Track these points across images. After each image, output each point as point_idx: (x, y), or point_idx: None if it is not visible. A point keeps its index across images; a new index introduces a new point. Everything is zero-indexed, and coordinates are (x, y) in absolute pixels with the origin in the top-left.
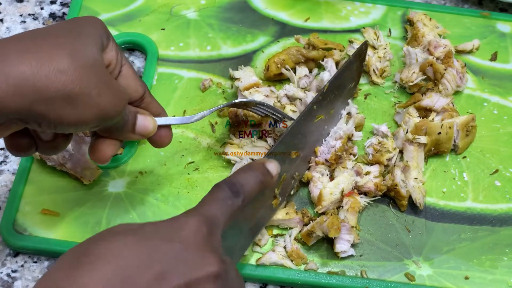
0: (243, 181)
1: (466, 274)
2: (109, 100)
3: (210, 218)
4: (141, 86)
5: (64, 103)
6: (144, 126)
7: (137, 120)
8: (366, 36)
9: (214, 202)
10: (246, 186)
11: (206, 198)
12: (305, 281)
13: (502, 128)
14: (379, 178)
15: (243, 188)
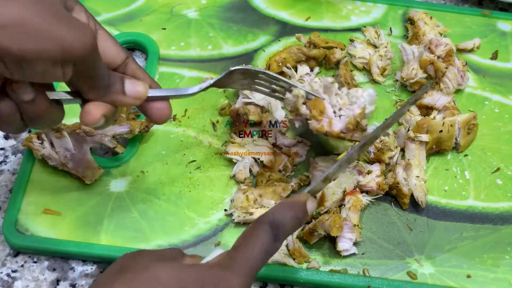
0: (284, 222)
1: (468, 273)
2: (70, 33)
3: (254, 272)
4: (123, 51)
5: (19, 31)
6: (134, 89)
7: (125, 83)
8: (367, 35)
9: (256, 248)
10: (286, 228)
11: (249, 239)
12: (307, 279)
13: (503, 126)
14: (381, 177)
15: (283, 230)
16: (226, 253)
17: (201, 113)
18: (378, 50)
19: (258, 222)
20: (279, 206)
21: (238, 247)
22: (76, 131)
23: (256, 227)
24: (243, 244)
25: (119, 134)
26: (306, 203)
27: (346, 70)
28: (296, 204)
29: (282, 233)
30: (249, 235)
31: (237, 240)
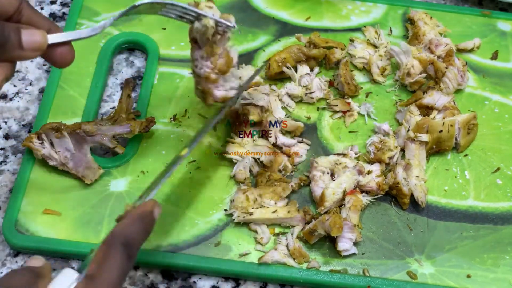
0: (136, 239)
1: (468, 273)
2: None
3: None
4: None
5: None
6: (32, 40)
7: (21, 35)
8: (367, 35)
9: (115, 272)
10: (138, 244)
11: (105, 265)
12: (307, 279)
13: (503, 126)
14: (381, 177)
15: (136, 247)
16: (84, 284)
17: (201, 113)
18: (378, 50)
19: (109, 243)
20: (128, 222)
21: (96, 276)
22: (76, 131)
23: (110, 251)
24: (101, 272)
25: (119, 134)
26: (154, 212)
27: (346, 70)
28: (144, 216)
29: (135, 249)
30: (103, 260)
31: (91, 266)
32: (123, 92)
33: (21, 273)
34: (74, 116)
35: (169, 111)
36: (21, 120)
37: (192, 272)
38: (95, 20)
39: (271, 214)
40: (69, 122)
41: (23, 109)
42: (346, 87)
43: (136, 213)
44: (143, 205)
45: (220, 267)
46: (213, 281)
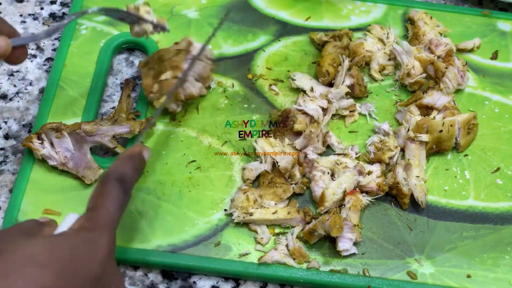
0: (129, 174)
1: (468, 273)
2: None
3: (115, 226)
4: None
5: None
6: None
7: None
8: (373, 32)
9: (112, 204)
10: (131, 179)
11: (102, 198)
12: (307, 279)
13: (504, 126)
14: (381, 178)
15: (129, 182)
16: (85, 216)
17: (201, 113)
18: (384, 48)
19: (105, 180)
20: (119, 161)
21: (95, 208)
22: (76, 131)
23: (105, 186)
24: (99, 204)
25: (119, 134)
26: (143, 153)
27: (357, 71)
28: (134, 155)
29: (129, 185)
30: (100, 194)
31: (90, 201)
32: (123, 92)
33: (27, 221)
34: (74, 116)
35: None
36: (21, 120)
37: (192, 272)
38: (95, 20)
39: (271, 215)
40: (69, 122)
41: (23, 109)
42: (357, 88)
43: (126, 154)
44: (132, 148)
45: (220, 267)
46: (213, 281)
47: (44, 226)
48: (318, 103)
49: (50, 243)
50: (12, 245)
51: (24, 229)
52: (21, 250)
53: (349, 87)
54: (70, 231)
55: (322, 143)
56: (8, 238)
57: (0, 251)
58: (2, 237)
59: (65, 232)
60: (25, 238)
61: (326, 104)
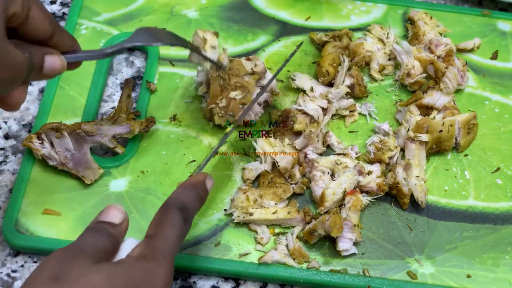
0: (191, 204)
1: (468, 273)
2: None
3: (174, 256)
4: (50, 25)
5: None
6: (52, 67)
7: (44, 61)
8: (373, 32)
9: (172, 233)
10: (193, 209)
11: (163, 226)
12: (307, 279)
13: (504, 126)
14: (381, 178)
15: (191, 211)
16: (144, 243)
17: (201, 113)
18: (384, 48)
19: (166, 208)
20: (182, 189)
21: (155, 236)
22: (76, 131)
23: (166, 213)
24: (159, 232)
25: (119, 134)
26: (206, 182)
27: (357, 72)
28: (197, 184)
29: (190, 214)
30: (161, 222)
31: (150, 228)
32: (123, 92)
33: (100, 236)
34: (74, 116)
35: (169, 111)
36: (21, 120)
37: (192, 272)
38: (95, 20)
39: (271, 215)
40: (69, 122)
41: (23, 109)
42: (357, 88)
43: (188, 182)
44: (195, 176)
45: (220, 267)
46: (213, 281)
47: (114, 244)
48: (318, 103)
49: (110, 272)
50: (74, 273)
51: (92, 252)
52: (83, 279)
53: (349, 87)
54: (129, 260)
55: (322, 143)
56: (71, 265)
57: (63, 278)
58: (63, 263)
59: (125, 261)
60: (89, 265)
61: (326, 104)
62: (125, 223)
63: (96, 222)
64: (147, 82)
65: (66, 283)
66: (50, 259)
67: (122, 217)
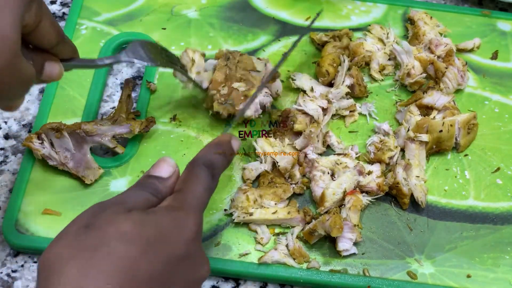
0: (217, 161)
1: (468, 273)
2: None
3: (202, 208)
4: (56, 37)
5: None
6: (50, 73)
7: (44, 68)
8: (373, 32)
9: (200, 187)
10: (219, 166)
11: (191, 181)
12: (307, 279)
13: (504, 126)
14: (382, 178)
15: (217, 168)
16: (173, 196)
17: (201, 113)
18: (384, 48)
19: (193, 164)
20: (208, 148)
21: (183, 190)
22: (76, 131)
23: (194, 170)
24: (187, 186)
25: (119, 134)
26: (231, 142)
27: (357, 72)
28: (223, 143)
29: (217, 171)
30: (189, 178)
31: (178, 184)
32: (123, 92)
33: (144, 191)
34: (74, 116)
35: (169, 111)
36: (21, 120)
37: None
38: (95, 20)
39: (271, 215)
40: (69, 122)
41: (23, 109)
42: (357, 88)
43: (214, 141)
44: (221, 136)
45: (220, 267)
46: (213, 281)
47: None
48: (318, 103)
49: (139, 219)
50: (105, 220)
51: (124, 204)
52: (114, 226)
53: (349, 87)
54: (159, 209)
55: (322, 143)
56: (103, 214)
57: (93, 225)
58: (97, 212)
59: (155, 210)
60: (120, 213)
61: (326, 104)
62: (174, 177)
63: (145, 177)
64: (147, 82)
65: (96, 229)
66: (87, 210)
67: (171, 171)
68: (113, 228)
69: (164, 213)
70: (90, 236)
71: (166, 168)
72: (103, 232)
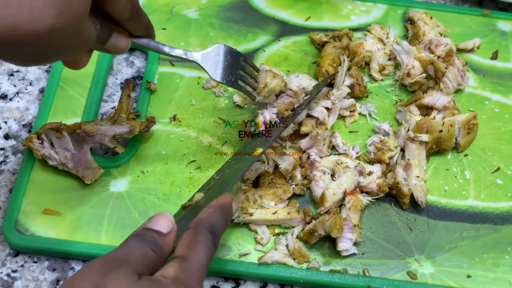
0: (220, 226)
1: (468, 273)
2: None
3: (204, 278)
4: (129, 12)
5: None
6: (115, 44)
7: (111, 37)
8: (373, 32)
9: (204, 256)
10: (221, 232)
11: (195, 249)
12: (307, 279)
13: (504, 126)
14: (382, 179)
15: (219, 234)
16: (178, 266)
17: (201, 113)
18: (384, 48)
19: (197, 229)
20: (212, 210)
21: (188, 259)
22: (76, 131)
23: (198, 236)
24: (192, 255)
25: (119, 134)
26: (233, 205)
27: (357, 71)
28: (226, 207)
29: (218, 237)
30: (193, 245)
31: (180, 248)
32: (123, 92)
33: (145, 245)
34: (74, 116)
35: (169, 111)
36: (21, 120)
37: None
38: None
39: (271, 215)
40: (69, 122)
41: (23, 109)
42: (357, 88)
43: (217, 204)
44: (224, 197)
45: (220, 267)
46: (213, 281)
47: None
48: (322, 103)
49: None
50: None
51: (135, 263)
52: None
53: (349, 87)
54: (167, 282)
55: (328, 147)
56: (113, 275)
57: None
58: (109, 271)
59: (162, 282)
60: (131, 280)
61: (330, 104)
62: (173, 233)
63: (143, 229)
64: (147, 82)
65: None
66: (92, 268)
67: (170, 227)
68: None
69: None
70: None
71: (165, 223)
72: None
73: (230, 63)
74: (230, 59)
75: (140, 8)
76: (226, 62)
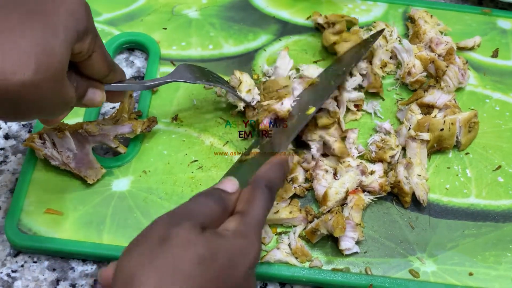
0: (277, 182)
1: (470, 270)
2: (51, 109)
3: (261, 234)
4: (106, 71)
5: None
6: (91, 99)
7: (87, 94)
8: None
9: (262, 211)
10: (278, 186)
11: (254, 203)
12: (309, 278)
13: (505, 124)
14: (384, 178)
15: (276, 189)
16: (239, 219)
17: (202, 113)
18: (387, 45)
19: (256, 185)
20: (269, 167)
21: (248, 212)
22: (78, 131)
23: (257, 191)
24: (252, 209)
25: (121, 134)
26: (289, 160)
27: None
28: (283, 163)
29: (275, 192)
30: (252, 199)
31: (240, 204)
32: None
33: (210, 199)
34: (75, 116)
35: (171, 111)
36: None
37: None
38: (95, 20)
39: (273, 214)
40: (70, 122)
41: None
42: (373, 77)
43: (276, 160)
44: (281, 156)
45: None
46: None
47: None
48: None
49: (213, 244)
50: (181, 239)
51: (199, 216)
52: (189, 246)
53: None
54: (228, 234)
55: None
56: (178, 230)
57: (170, 242)
58: (174, 225)
59: (224, 234)
60: (196, 232)
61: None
62: (237, 193)
63: (211, 188)
64: None
65: (174, 246)
66: (158, 222)
67: (235, 188)
68: (190, 249)
69: (234, 241)
70: (167, 252)
71: (231, 185)
72: (180, 252)
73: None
74: (197, 70)
75: (112, 60)
76: (197, 74)
